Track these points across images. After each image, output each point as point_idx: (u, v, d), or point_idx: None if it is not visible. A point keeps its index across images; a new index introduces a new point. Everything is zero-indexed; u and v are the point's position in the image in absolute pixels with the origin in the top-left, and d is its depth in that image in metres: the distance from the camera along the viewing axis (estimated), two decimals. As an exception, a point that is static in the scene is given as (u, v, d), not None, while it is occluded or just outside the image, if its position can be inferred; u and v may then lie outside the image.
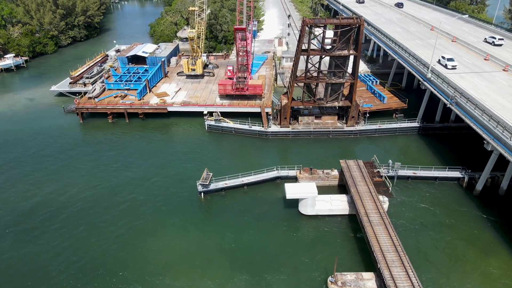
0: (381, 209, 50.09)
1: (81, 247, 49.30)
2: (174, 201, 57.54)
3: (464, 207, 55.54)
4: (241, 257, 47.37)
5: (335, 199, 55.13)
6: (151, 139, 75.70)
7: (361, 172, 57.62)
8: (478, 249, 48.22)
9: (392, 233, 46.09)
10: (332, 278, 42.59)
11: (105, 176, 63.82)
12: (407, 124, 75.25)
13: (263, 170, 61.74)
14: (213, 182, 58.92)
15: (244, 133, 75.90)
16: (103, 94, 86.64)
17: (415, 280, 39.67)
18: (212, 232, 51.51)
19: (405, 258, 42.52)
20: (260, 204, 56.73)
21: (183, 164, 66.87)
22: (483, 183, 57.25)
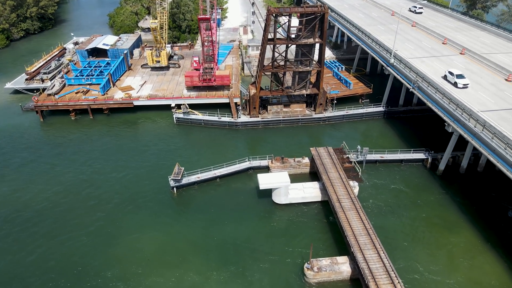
0: (352, 194, 51.56)
1: (52, 249, 47.79)
2: (146, 197, 56.56)
3: (429, 187, 58.19)
4: (219, 249, 47.49)
5: (308, 186, 56.14)
6: (118, 135, 73.57)
7: (331, 158, 58.86)
8: (442, 226, 50.83)
9: (363, 217, 47.65)
10: (308, 264, 43.64)
11: (72, 175, 61.61)
12: (373, 109, 77.30)
13: (235, 161, 61.71)
14: (185, 176, 58.33)
15: (214, 124, 75.33)
16: (64, 90, 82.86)
17: (386, 261, 41.40)
18: (188, 227, 51.23)
19: (376, 241, 44.19)
20: (234, 196, 56.86)
21: (153, 159, 65.62)
22: (445, 163, 60.11)
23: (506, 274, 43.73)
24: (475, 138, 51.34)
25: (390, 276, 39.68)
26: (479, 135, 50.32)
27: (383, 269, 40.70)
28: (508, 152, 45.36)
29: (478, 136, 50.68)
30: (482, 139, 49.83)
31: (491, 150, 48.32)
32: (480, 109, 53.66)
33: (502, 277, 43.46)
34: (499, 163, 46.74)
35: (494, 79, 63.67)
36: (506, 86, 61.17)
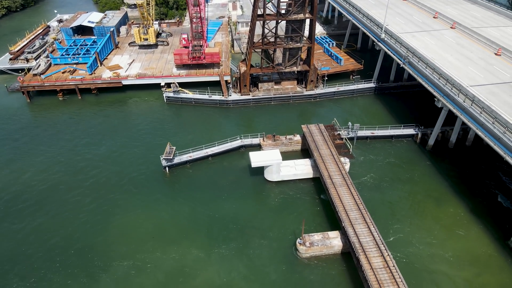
0: (343, 170, 52.17)
1: (53, 227, 48.15)
2: (139, 177, 56.58)
3: (418, 162, 59.09)
4: (211, 227, 48.08)
5: (299, 164, 56.58)
6: (108, 115, 72.71)
7: (322, 135, 59.15)
8: (431, 199, 51.98)
9: (354, 193, 48.44)
10: (300, 240, 44.53)
11: (63, 157, 61.11)
12: (363, 85, 77.21)
13: (226, 140, 61.70)
14: (177, 156, 58.29)
15: (205, 103, 74.74)
16: (50, 70, 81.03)
17: (376, 235, 42.44)
18: (181, 206, 51.60)
19: (367, 215, 45.12)
20: (226, 174, 57.15)
21: (144, 139, 65.25)
22: (434, 138, 60.86)
23: (493, 244, 45.20)
24: (464, 113, 51.86)
25: (380, 249, 40.78)
26: (468, 110, 50.82)
27: (373, 242, 41.75)
28: (496, 127, 46.01)
29: (467, 111, 51.18)
30: (471, 113, 50.35)
31: (480, 125, 48.95)
32: (469, 84, 53.95)
33: (489, 248, 44.92)
34: (487, 138, 47.45)
35: (484, 53, 63.76)
36: (496, 60, 61.36)
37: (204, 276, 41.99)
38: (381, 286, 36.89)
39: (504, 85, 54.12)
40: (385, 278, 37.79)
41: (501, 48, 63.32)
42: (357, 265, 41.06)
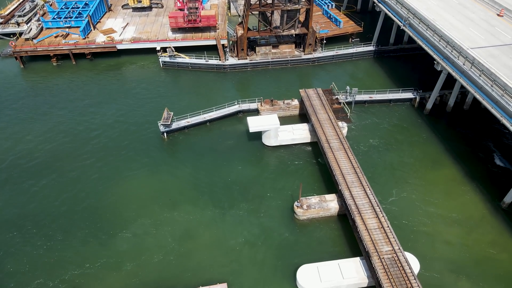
0: (340, 134, 52.41)
1: (58, 190, 48.85)
2: (137, 143, 56.75)
3: (416, 125, 59.28)
4: (211, 192, 48.87)
5: (297, 128, 56.70)
6: (104, 81, 71.77)
7: (320, 100, 58.91)
8: (427, 162, 52.65)
9: (351, 157, 48.95)
10: (298, 203, 45.48)
11: (61, 124, 60.88)
12: (363, 49, 75.95)
13: (224, 105, 61.43)
14: (174, 121, 58.23)
15: (201, 68, 73.68)
16: (42, 34, 79.04)
17: (372, 197, 43.36)
18: (180, 170, 52.13)
19: (363, 178, 45.86)
20: (224, 139, 57.35)
21: (141, 105, 64.85)
22: (432, 102, 60.73)
23: (486, 205, 46.33)
24: (463, 76, 51.46)
25: (375, 210, 41.81)
26: (467, 73, 50.38)
27: (368, 204, 42.73)
28: (495, 89, 45.84)
29: (466, 74, 50.76)
30: (470, 76, 49.97)
31: (478, 88, 48.73)
32: (469, 46, 53.10)
33: (482, 208, 46.08)
34: (485, 101, 47.40)
35: (486, 14, 62.30)
36: (498, 21, 60.09)
37: (205, 238, 43.16)
38: (375, 245, 38.14)
39: (505, 47, 53.33)
40: (379, 237, 39.01)
41: (504, 8, 61.79)
42: (353, 226, 42.23)
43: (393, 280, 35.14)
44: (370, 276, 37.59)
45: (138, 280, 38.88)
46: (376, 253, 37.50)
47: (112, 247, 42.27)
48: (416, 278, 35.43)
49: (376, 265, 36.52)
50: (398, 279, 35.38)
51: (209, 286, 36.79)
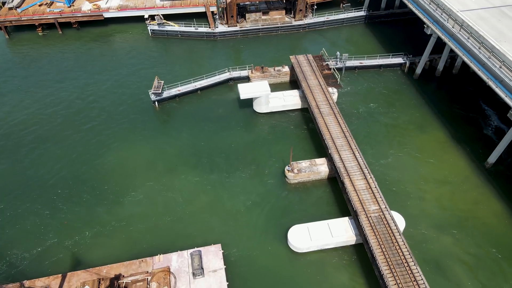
0: (330, 100, 52.93)
1: (45, 167, 49.06)
2: (129, 112, 56.83)
3: (405, 90, 59.88)
4: (204, 159, 49.64)
5: (288, 95, 57.05)
6: (92, 50, 70.76)
7: (310, 66, 58.95)
8: (415, 126, 53.65)
9: (341, 121, 49.71)
10: (288, 167, 46.53)
11: (52, 95, 60.50)
12: (354, 14, 75.26)
13: (214, 73, 61.27)
14: (165, 90, 58.18)
15: (191, 36, 72.76)
16: (26, 3, 76.95)
17: (361, 160, 44.49)
18: (172, 139, 52.64)
19: (352, 142, 46.83)
20: (215, 107, 57.63)
21: (131, 74, 64.41)
22: (422, 67, 61.11)
23: (470, 166, 47.82)
24: (452, 39, 51.66)
25: (363, 172, 43.03)
26: (456, 36, 50.56)
27: (357, 167, 43.90)
28: (482, 52, 46.26)
29: (455, 37, 50.95)
30: (459, 39, 50.20)
31: (466, 51, 49.09)
32: (460, 8, 53.00)
33: (466, 169, 47.60)
34: (472, 63, 47.89)
35: (478, -24, 61.69)
36: (489, -17, 59.62)
37: (200, 203, 44.25)
38: (363, 205, 39.58)
39: (495, 9, 53.32)
40: (367, 197, 40.43)
41: (495, -30, 61.12)
42: (342, 188, 43.57)
43: (379, 236, 36.78)
44: (358, 234, 39.21)
45: (135, 244, 40.14)
46: (363, 212, 38.99)
47: (109, 214, 43.26)
48: (401, 235, 37.09)
49: (364, 223, 38.07)
50: (384, 236, 37.03)
51: (203, 247, 38.18)
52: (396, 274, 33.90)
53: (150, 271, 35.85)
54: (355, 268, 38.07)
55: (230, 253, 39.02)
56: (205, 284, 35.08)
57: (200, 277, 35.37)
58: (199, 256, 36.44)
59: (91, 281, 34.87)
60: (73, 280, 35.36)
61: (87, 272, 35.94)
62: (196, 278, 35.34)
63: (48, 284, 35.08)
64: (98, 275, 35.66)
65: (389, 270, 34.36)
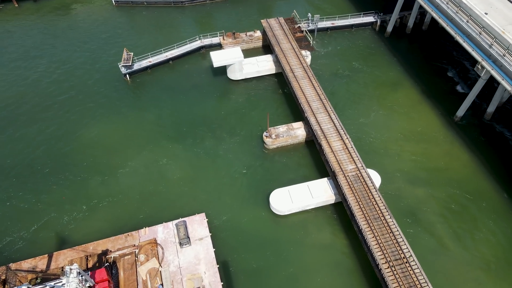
0: (304, 63, 52.90)
1: (19, 147, 47.67)
2: (100, 88, 55.13)
3: (378, 50, 60.37)
4: (181, 130, 49.29)
5: (261, 60, 56.55)
6: (53, 24, 67.14)
7: (282, 30, 58.22)
8: (388, 84, 54.71)
9: (315, 84, 50.03)
10: (266, 133, 46.99)
11: (14, 74, 57.69)
12: (323, -27, 73.63)
13: (185, 41, 59.70)
14: (136, 62, 56.51)
15: (158, 3, 69.93)
16: (-26, -25, 71.33)
17: (336, 122, 45.37)
18: (148, 111, 51.74)
19: (327, 105, 47.47)
20: (189, 76, 56.64)
21: (98, 47, 61.91)
22: (393, 25, 61.42)
23: (440, 120, 49.64)
24: (421, -5, 51.89)
25: (340, 133, 44.05)
26: (425, -8, 50.80)
27: (333, 128, 44.82)
28: (450, 7, 46.78)
29: (424, -7, 51.19)
30: (428, -5, 50.49)
31: (435, 6, 49.51)
32: (428, -37, 52.85)
33: (436, 123, 49.42)
34: (441, 19, 48.51)
35: None
36: None
37: (181, 174, 44.43)
38: (340, 165, 40.85)
39: (462, -37, 53.41)
40: (344, 158, 41.66)
41: None
42: (319, 150, 44.62)
43: (357, 194, 38.36)
44: (337, 193, 40.71)
45: (119, 219, 40.32)
46: (341, 172, 40.31)
47: (91, 191, 42.96)
48: (377, 191, 38.79)
49: (342, 182, 39.47)
50: (361, 193, 38.64)
51: (188, 217, 38.85)
52: (373, 227, 35.76)
53: (137, 244, 36.43)
54: (336, 225, 39.83)
55: (215, 221, 39.92)
56: (192, 252, 36.05)
57: (187, 246, 36.26)
58: (184, 226, 37.16)
59: (78, 258, 35.24)
60: (60, 259, 35.56)
61: (74, 250, 36.16)
62: (183, 247, 36.21)
63: (35, 265, 35.19)
64: (85, 252, 35.97)
65: (367, 225, 36.17)
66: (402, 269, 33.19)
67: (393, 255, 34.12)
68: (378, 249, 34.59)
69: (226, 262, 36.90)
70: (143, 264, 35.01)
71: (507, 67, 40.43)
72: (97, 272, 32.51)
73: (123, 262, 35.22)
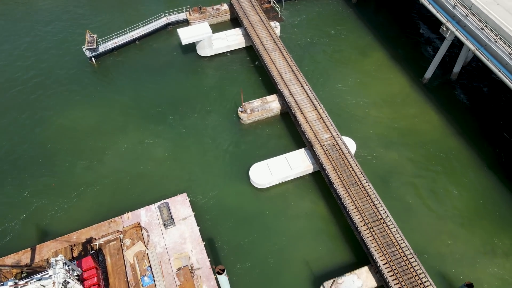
0: (274, 35, 52.44)
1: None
2: (66, 74, 53.05)
3: (345, 17, 60.38)
4: (155, 111, 48.44)
5: (230, 34, 55.64)
6: (11, 8, 63.22)
7: (250, 1, 57.10)
8: (357, 51, 55.23)
9: (286, 56, 49.91)
10: (241, 108, 46.97)
11: (-31, 64, 54.72)
12: None
13: (151, 19, 57.78)
14: (100, 44, 54.48)
15: (117, -20, 66.69)
16: None
17: (310, 92, 45.78)
18: (118, 94, 50.47)
19: (300, 76, 47.66)
20: (157, 56, 55.24)
21: (59, 31, 59.09)
22: (359, -10, 61.33)
23: (409, 83, 50.90)
24: (385, -41, 51.67)
25: (313, 104, 44.57)
26: (389, -45, 50.58)
27: (307, 99, 45.27)
28: (414, -30, 46.98)
29: (388, -44, 50.97)
30: (392, -42, 50.32)
31: (400, -30, 49.55)
32: None
33: (406, 87, 50.68)
34: (406, -18, 48.73)
35: None
36: None
37: (159, 156, 44.10)
38: (316, 134, 41.61)
39: None
40: (319, 127, 42.41)
41: None
42: (295, 122, 45.15)
43: (334, 162, 39.41)
44: (314, 162, 41.68)
45: (100, 206, 40.04)
46: (317, 142, 41.13)
47: (66, 181, 42.22)
48: (353, 157, 39.95)
49: (318, 152, 40.36)
50: (338, 161, 39.72)
51: (170, 198, 39.04)
52: (351, 193, 37.10)
53: (121, 230, 36.54)
54: (315, 193, 41.03)
55: (197, 200, 40.32)
56: (177, 232, 36.53)
57: (171, 226, 36.67)
58: (167, 208, 37.42)
59: (62, 249, 35.14)
60: (44, 251, 35.36)
61: (57, 241, 35.95)
62: (168, 228, 36.60)
63: (18, 260, 34.88)
64: (68, 242, 35.84)
65: (345, 191, 37.46)
66: (380, 229, 34.88)
67: (370, 217, 35.70)
68: (357, 212, 36.07)
69: (212, 239, 37.67)
70: (129, 248, 35.29)
71: (470, 27, 41.48)
72: (83, 261, 32.60)
73: (109, 248, 35.38)
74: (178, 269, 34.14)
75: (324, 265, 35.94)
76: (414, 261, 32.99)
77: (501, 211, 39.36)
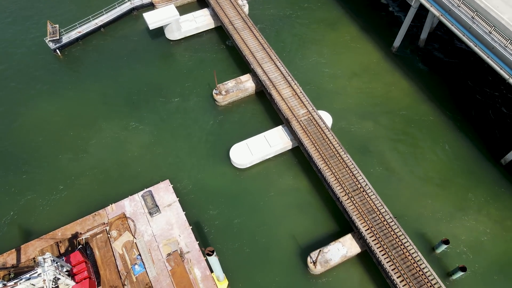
0: (242, 13, 51.83)
1: None
2: (30, 68, 51.01)
3: (312, -10, 60.10)
4: (128, 100, 47.61)
5: (198, 15, 54.60)
6: (-42, 2, 59.63)
7: (215, -20, 55.89)
8: (327, 25, 55.39)
9: (257, 34, 49.60)
10: (216, 90, 46.76)
11: None
12: None
13: (114, 5, 55.83)
14: (63, 34, 52.47)
15: (74, -35, 63.62)
16: None
17: (283, 69, 45.94)
18: (88, 85, 49.11)
19: (272, 53, 47.62)
20: (125, 43, 53.76)
21: (14, 22, 56.31)
22: (324, -38, 60.77)
23: (379, 54, 51.78)
24: None
25: (287, 80, 44.86)
26: None
27: (281, 76, 45.48)
28: None
29: None
30: None
31: None
32: None
33: (376, 57, 51.55)
34: (370, -48, 48.76)
35: None
36: None
37: (137, 145, 43.71)
38: (292, 111, 42.12)
39: None
40: (295, 104, 42.89)
41: None
42: (270, 100, 45.41)
43: (312, 136, 40.17)
44: (293, 138, 42.33)
45: (82, 201, 39.65)
46: (294, 118, 41.68)
47: (44, 178, 41.40)
48: (329, 130, 40.81)
49: (296, 127, 40.97)
50: (315, 135, 40.50)
51: (152, 186, 39.02)
52: (330, 165, 38.11)
53: (107, 222, 36.47)
54: (296, 169, 41.89)
55: (180, 185, 40.50)
56: (163, 219, 36.78)
57: (157, 214, 36.86)
58: (150, 196, 37.48)
59: (49, 246, 34.89)
60: (30, 251, 35.01)
61: (42, 239, 35.60)
62: (154, 215, 36.78)
63: (4, 261, 34.45)
64: (54, 239, 35.57)
65: (324, 164, 38.44)
66: (360, 198, 36.21)
67: (351, 187, 36.93)
68: (337, 183, 37.21)
69: (198, 222, 38.16)
70: (117, 239, 35.39)
71: (434, -7, 42.29)
72: (71, 256, 32.54)
73: (96, 242, 35.37)
74: (168, 255, 34.59)
75: (310, 237, 37.20)
76: (394, 224, 34.59)
77: (474, 168, 41.45)
